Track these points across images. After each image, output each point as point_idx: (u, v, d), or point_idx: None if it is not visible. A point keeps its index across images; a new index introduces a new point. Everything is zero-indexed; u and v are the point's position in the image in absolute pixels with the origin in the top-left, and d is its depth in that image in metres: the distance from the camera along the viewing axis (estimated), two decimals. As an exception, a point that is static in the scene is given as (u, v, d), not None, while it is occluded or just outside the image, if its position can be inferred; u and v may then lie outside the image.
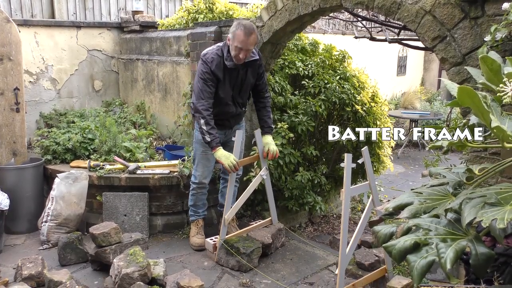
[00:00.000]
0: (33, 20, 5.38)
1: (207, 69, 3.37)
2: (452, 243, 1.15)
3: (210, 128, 3.35)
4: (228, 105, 3.57)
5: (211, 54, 3.42)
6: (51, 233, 3.87)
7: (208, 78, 3.38)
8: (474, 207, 1.17)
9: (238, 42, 3.27)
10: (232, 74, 3.46)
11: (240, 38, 3.25)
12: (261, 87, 3.69)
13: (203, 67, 3.40)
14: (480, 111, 1.23)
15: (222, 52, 3.42)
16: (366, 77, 5.00)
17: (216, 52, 3.43)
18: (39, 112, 5.38)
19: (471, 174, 1.45)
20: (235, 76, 3.48)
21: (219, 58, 3.40)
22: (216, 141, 3.37)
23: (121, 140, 4.53)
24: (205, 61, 3.40)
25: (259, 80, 3.65)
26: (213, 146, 3.37)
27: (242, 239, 3.59)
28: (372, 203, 3.02)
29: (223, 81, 3.44)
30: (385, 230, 1.36)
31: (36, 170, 4.24)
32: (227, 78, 3.46)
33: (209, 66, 3.37)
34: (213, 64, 3.38)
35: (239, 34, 3.25)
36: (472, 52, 2.44)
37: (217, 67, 3.38)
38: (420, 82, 13.32)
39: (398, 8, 2.75)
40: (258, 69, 3.59)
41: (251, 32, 3.26)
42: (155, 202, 4.15)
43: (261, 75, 3.64)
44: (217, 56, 3.41)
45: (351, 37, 7.34)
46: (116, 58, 6.04)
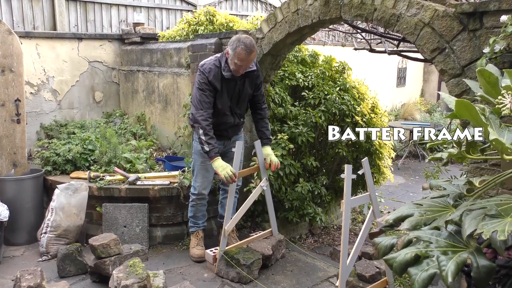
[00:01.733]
0: (34, 32, 5.42)
1: (205, 79, 3.39)
2: (453, 255, 1.14)
3: (209, 138, 3.35)
4: (226, 116, 3.58)
5: (208, 64, 3.44)
6: (50, 244, 3.85)
7: (206, 88, 3.39)
8: (475, 219, 1.17)
9: (239, 60, 3.29)
10: (230, 84, 3.48)
11: (241, 56, 3.28)
12: (258, 98, 3.70)
13: (201, 78, 3.42)
14: (478, 124, 1.24)
15: (220, 63, 3.44)
16: (366, 88, 5.01)
17: (213, 62, 3.45)
18: (39, 123, 5.40)
19: (471, 186, 1.45)
20: (232, 86, 3.50)
21: (217, 69, 3.42)
22: (214, 151, 3.36)
23: (121, 151, 4.53)
24: (203, 71, 3.42)
25: (257, 91, 3.66)
26: (212, 156, 3.36)
27: (242, 250, 3.57)
28: (373, 215, 3.01)
29: (220, 91, 3.45)
30: (385, 242, 1.36)
31: (36, 181, 4.24)
32: (224, 89, 3.47)
33: (206, 76, 3.39)
34: (210, 74, 3.39)
35: (239, 52, 3.27)
36: (471, 64, 2.45)
37: (214, 77, 3.40)
38: (420, 93, 13.36)
39: (397, 20, 2.77)
40: (256, 80, 3.61)
41: (252, 51, 3.29)
42: (155, 213, 4.14)
43: (258, 85, 3.66)
44: (214, 66, 3.42)
45: (350, 49, 7.37)
46: (117, 70, 6.07)
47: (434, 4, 2.65)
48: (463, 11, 2.45)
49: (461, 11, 2.46)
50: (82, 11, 6.29)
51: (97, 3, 6.44)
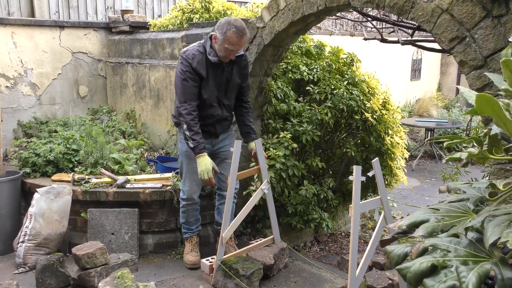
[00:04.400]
0: (10, 19, 5.38)
1: (188, 67, 3.37)
2: (474, 266, 1.13)
3: (193, 133, 3.34)
4: (213, 107, 3.55)
5: (192, 50, 3.43)
6: (28, 254, 3.84)
7: (190, 78, 3.37)
8: (498, 226, 1.16)
9: (230, 44, 3.29)
10: (217, 71, 3.46)
11: (232, 40, 3.27)
12: (245, 89, 3.72)
13: (183, 66, 3.39)
14: (502, 121, 1.22)
15: (204, 48, 3.43)
16: (377, 82, 5.01)
17: (197, 48, 3.44)
18: (17, 120, 5.38)
19: (494, 190, 1.44)
20: (219, 73, 3.48)
21: (201, 55, 3.41)
22: (200, 147, 3.35)
23: (109, 151, 4.53)
24: (186, 58, 3.40)
25: (244, 81, 3.68)
26: (197, 153, 3.36)
27: (242, 259, 3.57)
28: (384, 220, 3.01)
29: (206, 79, 3.43)
30: (398, 251, 1.35)
31: (12, 184, 4.22)
32: (210, 76, 3.45)
33: (190, 63, 3.37)
34: (194, 61, 3.38)
35: (231, 35, 3.26)
36: (495, 54, 2.44)
37: (199, 63, 3.38)
38: (437, 87, 13.36)
39: (412, 6, 2.76)
40: (244, 69, 3.62)
41: (244, 33, 3.30)
42: (146, 219, 4.13)
43: (246, 76, 3.68)
44: (198, 52, 3.41)
45: (360, 39, 7.36)
46: (104, 62, 6.06)
47: (453, -12, 2.64)
48: (486, -5, 2.43)
49: (484, -5, 2.44)
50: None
51: (81, -12, 6.43)
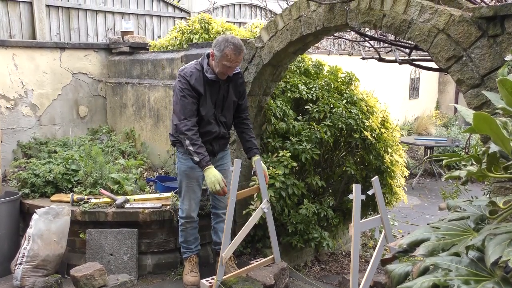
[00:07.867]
0: (11, 41, 5.44)
1: (186, 84, 3.43)
2: (476, 285, 1.13)
3: (197, 147, 3.37)
4: (211, 124, 3.59)
5: (189, 68, 3.50)
6: (26, 276, 3.79)
7: (188, 95, 3.42)
8: (500, 245, 1.16)
9: (228, 60, 3.35)
10: (213, 88, 3.52)
11: (230, 56, 3.33)
12: (243, 107, 3.77)
13: (181, 83, 3.45)
14: (499, 139, 1.23)
15: (201, 66, 3.50)
16: (375, 101, 5.03)
17: (194, 66, 3.52)
18: (16, 141, 5.38)
19: (494, 207, 1.44)
20: (216, 90, 3.54)
21: (198, 72, 3.48)
22: (206, 160, 3.38)
23: (108, 171, 4.52)
24: (183, 76, 3.46)
25: (241, 100, 3.73)
26: (203, 166, 3.38)
27: (241, 280, 3.54)
28: (385, 239, 2.99)
29: (204, 96, 3.49)
30: (399, 270, 1.34)
31: (11, 205, 4.19)
32: (208, 93, 3.51)
33: (188, 80, 3.43)
34: (192, 78, 3.44)
35: (228, 52, 3.32)
36: (492, 73, 2.46)
37: (196, 81, 3.44)
38: (435, 106, 13.40)
39: (409, 27, 2.80)
40: (240, 86, 3.68)
41: (241, 50, 3.36)
42: (145, 239, 4.11)
43: (243, 94, 3.73)
44: (195, 70, 3.48)
45: (358, 58, 7.41)
46: (104, 82, 6.10)
47: (449, 8, 2.68)
48: (482, 15, 2.47)
49: (480, 15, 2.48)
50: (64, 18, 6.34)
51: (81, 10, 6.50)
